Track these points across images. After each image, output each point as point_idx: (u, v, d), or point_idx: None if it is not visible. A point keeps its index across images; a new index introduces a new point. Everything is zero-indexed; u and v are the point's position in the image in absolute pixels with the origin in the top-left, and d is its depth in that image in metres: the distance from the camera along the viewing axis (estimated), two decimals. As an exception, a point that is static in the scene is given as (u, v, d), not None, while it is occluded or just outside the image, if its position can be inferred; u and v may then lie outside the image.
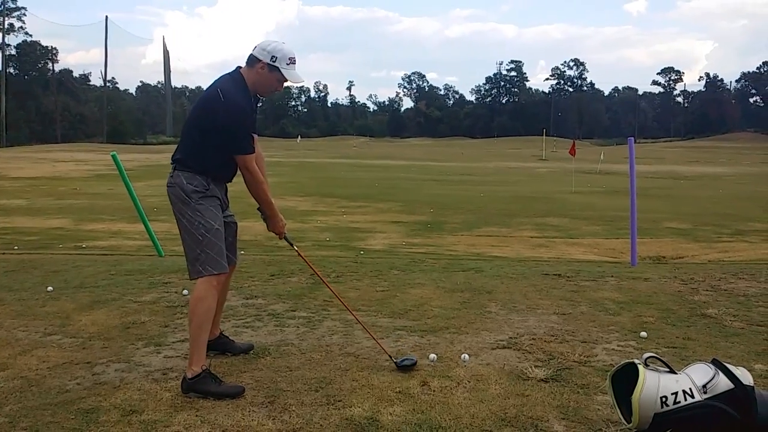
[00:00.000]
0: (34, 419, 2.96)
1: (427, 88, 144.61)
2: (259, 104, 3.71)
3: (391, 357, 3.68)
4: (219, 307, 3.81)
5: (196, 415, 3.03)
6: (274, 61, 3.41)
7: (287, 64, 3.44)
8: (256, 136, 3.65)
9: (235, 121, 3.35)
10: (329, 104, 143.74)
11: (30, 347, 4.02)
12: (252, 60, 3.45)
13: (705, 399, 2.69)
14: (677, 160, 52.75)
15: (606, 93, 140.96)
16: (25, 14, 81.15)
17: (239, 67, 3.52)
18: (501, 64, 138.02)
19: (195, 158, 3.44)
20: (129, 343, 4.10)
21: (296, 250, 3.80)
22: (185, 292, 5.38)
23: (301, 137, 76.33)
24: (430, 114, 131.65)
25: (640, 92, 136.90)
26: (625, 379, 2.87)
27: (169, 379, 3.49)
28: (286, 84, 3.56)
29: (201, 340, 3.38)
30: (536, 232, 11.74)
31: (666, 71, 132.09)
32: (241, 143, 3.40)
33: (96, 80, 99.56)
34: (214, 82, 3.51)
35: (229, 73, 3.51)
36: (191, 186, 3.40)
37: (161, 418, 2.99)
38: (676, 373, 2.80)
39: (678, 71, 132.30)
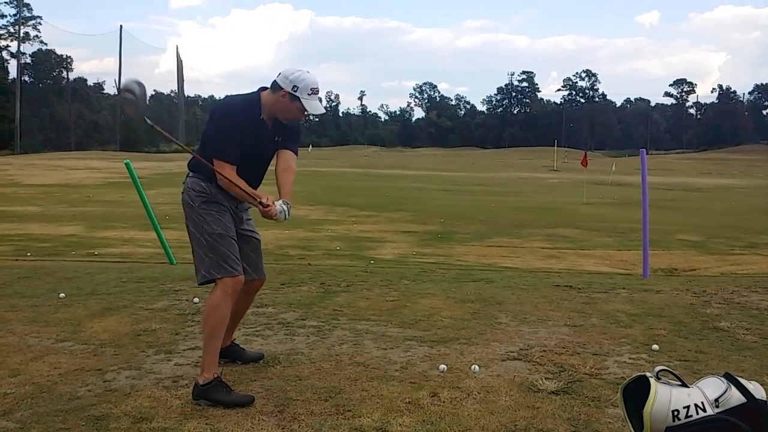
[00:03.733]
0: (45, 425, 2.97)
1: (438, 99, 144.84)
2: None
3: None
4: (237, 316, 3.84)
5: (206, 423, 3.03)
6: (295, 91, 3.40)
7: (308, 94, 3.43)
8: (288, 154, 3.61)
9: (219, 121, 3.40)
10: (341, 114, 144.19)
11: (42, 353, 4.04)
12: (275, 86, 3.47)
13: (717, 413, 2.66)
14: (689, 171, 52.49)
15: (618, 104, 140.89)
16: (40, 23, 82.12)
17: (262, 88, 3.55)
18: (513, 74, 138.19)
19: (202, 163, 3.48)
20: (140, 351, 4.12)
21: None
22: (196, 300, 5.40)
23: (312, 147, 76.66)
24: (441, 124, 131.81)
25: (653, 104, 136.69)
26: (636, 393, 2.84)
27: (180, 386, 3.50)
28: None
29: (213, 347, 3.39)
30: (547, 243, 11.70)
31: (678, 83, 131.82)
32: (218, 145, 3.39)
33: (110, 89, 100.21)
34: None
35: (250, 92, 3.56)
36: (195, 191, 3.47)
37: (171, 426, 2.99)
38: (688, 387, 2.78)
39: (690, 83, 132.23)
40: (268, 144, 3.57)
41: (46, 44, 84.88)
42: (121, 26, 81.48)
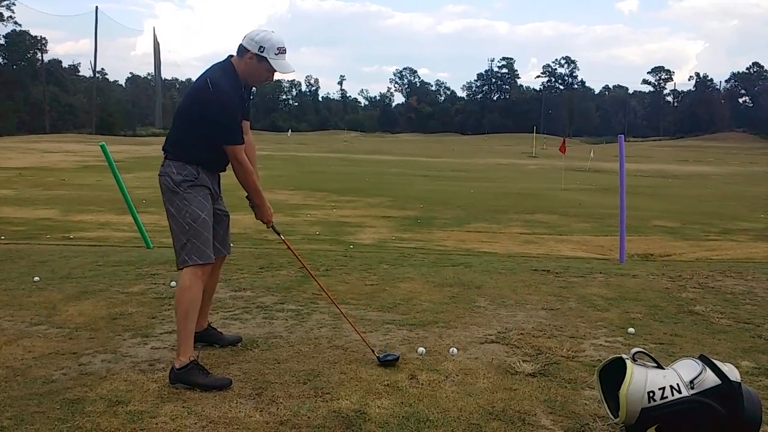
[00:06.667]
0: (18, 409, 2.93)
1: (418, 84, 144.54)
2: (252, 96, 3.71)
3: (374, 351, 3.67)
4: (208, 298, 3.78)
5: (183, 406, 3.01)
6: (261, 52, 3.37)
7: (276, 54, 3.39)
8: (248, 126, 3.63)
9: (223, 111, 3.31)
10: (320, 98, 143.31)
11: (16, 337, 3.98)
12: (241, 50, 3.43)
13: (692, 394, 2.69)
14: (666, 159, 53.02)
15: (596, 91, 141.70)
16: (14, 3, 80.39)
17: (231, 56, 3.49)
18: (492, 60, 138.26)
19: (185, 148, 3.42)
20: (116, 334, 4.08)
21: (283, 240, 3.78)
22: (173, 283, 5.35)
23: (291, 131, 76.24)
24: (421, 110, 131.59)
25: (631, 91, 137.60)
26: (612, 374, 2.87)
27: (156, 370, 3.47)
28: (277, 75, 3.53)
29: (188, 330, 3.35)
30: (525, 229, 11.78)
31: (656, 70, 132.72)
32: (230, 134, 3.36)
33: (85, 71, 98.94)
34: (205, 71, 3.47)
35: (219, 63, 3.48)
36: (181, 176, 3.39)
37: (148, 409, 2.97)
38: (663, 369, 2.81)
39: (668, 70, 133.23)
40: (245, 112, 3.57)
41: (20, 25, 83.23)
42: (96, 7, 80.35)
